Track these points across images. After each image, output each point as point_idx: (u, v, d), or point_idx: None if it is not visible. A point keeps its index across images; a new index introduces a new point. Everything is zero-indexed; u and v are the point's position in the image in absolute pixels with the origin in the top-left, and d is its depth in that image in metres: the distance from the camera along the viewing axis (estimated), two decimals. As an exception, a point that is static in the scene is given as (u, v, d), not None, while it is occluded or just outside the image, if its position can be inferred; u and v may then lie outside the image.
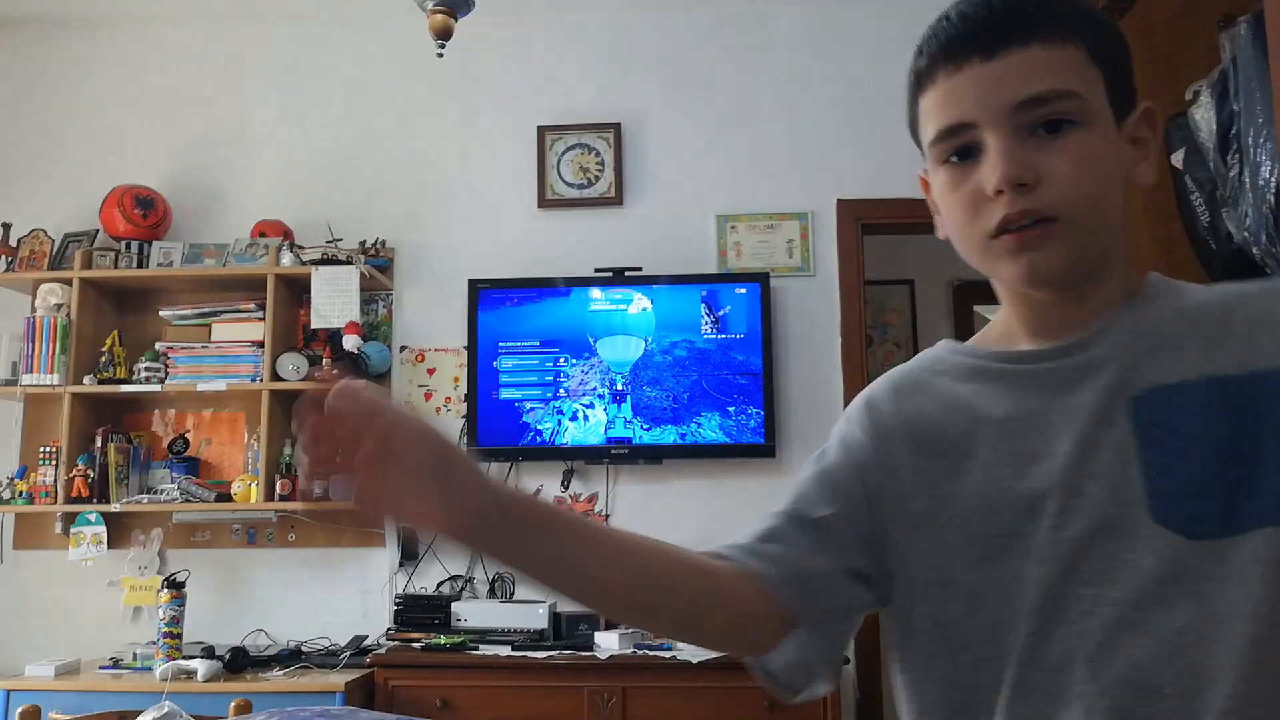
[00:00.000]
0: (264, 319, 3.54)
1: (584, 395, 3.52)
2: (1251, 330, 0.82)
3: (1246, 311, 0.84)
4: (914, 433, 0.91)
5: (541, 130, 3.80)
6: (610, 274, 3.59)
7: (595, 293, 3.56)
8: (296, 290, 3.67)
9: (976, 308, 4.72)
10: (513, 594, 3.51)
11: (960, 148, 0.85)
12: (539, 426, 3.52)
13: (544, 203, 3.78)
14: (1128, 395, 0.82)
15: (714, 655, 2.81)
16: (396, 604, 3.39)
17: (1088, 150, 0.82)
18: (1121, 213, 0.88)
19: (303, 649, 3.34)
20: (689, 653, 2.99)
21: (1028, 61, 0.82)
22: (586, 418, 3.51)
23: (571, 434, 3.51)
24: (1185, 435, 0.80)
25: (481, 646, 3.16)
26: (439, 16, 3.03)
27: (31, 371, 3.49)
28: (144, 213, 3.67)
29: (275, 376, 3.49)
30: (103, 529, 3.53)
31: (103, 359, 3.57)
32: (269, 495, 3.45)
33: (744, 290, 3.53)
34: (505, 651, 3.09)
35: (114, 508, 3.45)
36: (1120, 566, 0.79)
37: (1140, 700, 0.77)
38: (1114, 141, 0.85)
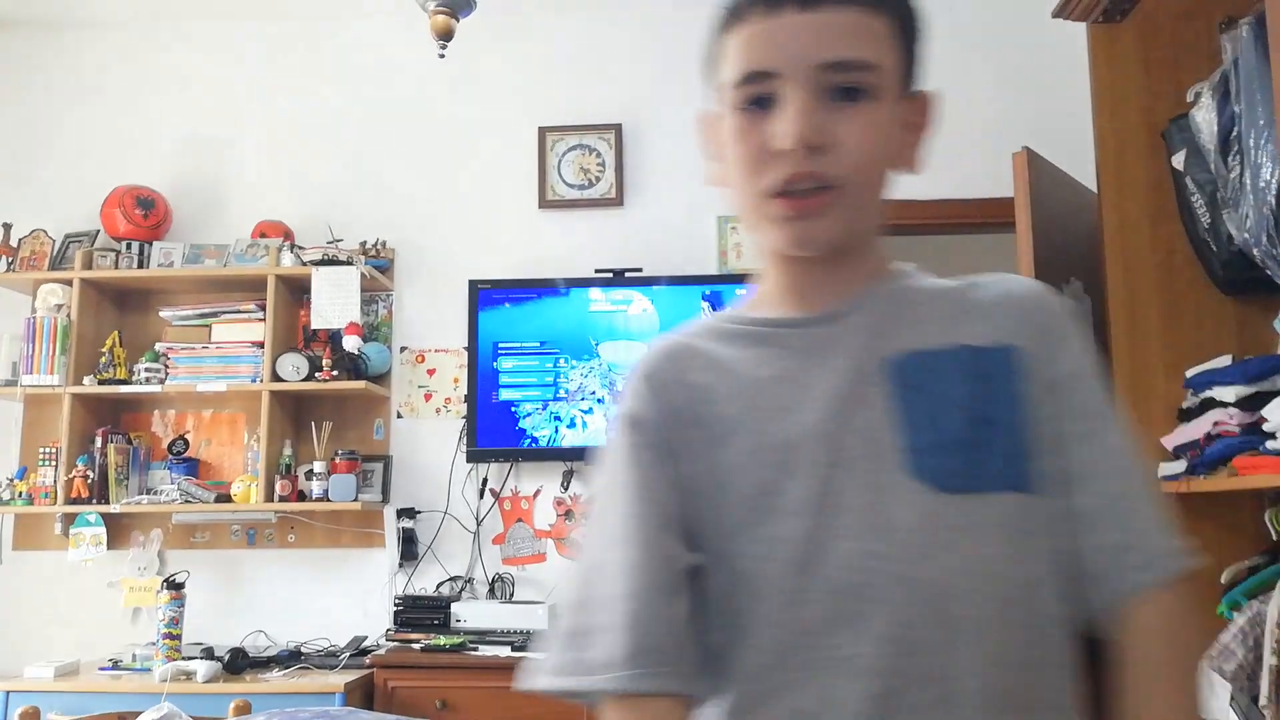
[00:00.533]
0: (264, 319, 3.54)
1: (583, 399, 3.52)
2: (991, 310, 0.87)
3: (984, 293, 0.89)
4: (689, 401, 0.88)
5: (542, 131, 3.80)
6: (611, 275, 3.59)
7: (596, 294, 3.56)
8: (297, 291, 3.67)
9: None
10: (512, 595, 3.51)
11: (758, 95, 0.83)
12: (538, 428, 3.52)
13: (544, 203, 3.78)
14: (883, 359, 0.85)
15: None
16: (396, 605, 3.39)
17: (877, 124, 0.83)
18: (887, 191, 0.88)
19: (302, 650, 3.34)
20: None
21: (842, 23, 0.82)
22: (585, 424, 3.51)
23: (571, 436, 3.51)
24: (939, 396, 0.83)
25: (481, 647, 3.16)
26: (440, 17, 3.04)
27: (31, 372, 3.48)
28: (144, 213, 3.66)
29: (275, 377, 3.49)
30: (102, 530, 3.53)
31: (103, 359, 3.57)
32: (269, 496, 3.45)
33: (745, 291, 3.52)
34: (505, 652, 3.09)
35: (114, 508, 3.45)
36: (878, 519, 0.80)
37: (904, 653, 0.77)
38: (896, 121, 0.87)
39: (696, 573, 0.85)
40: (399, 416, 3.70)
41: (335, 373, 3.47)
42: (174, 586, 3.23)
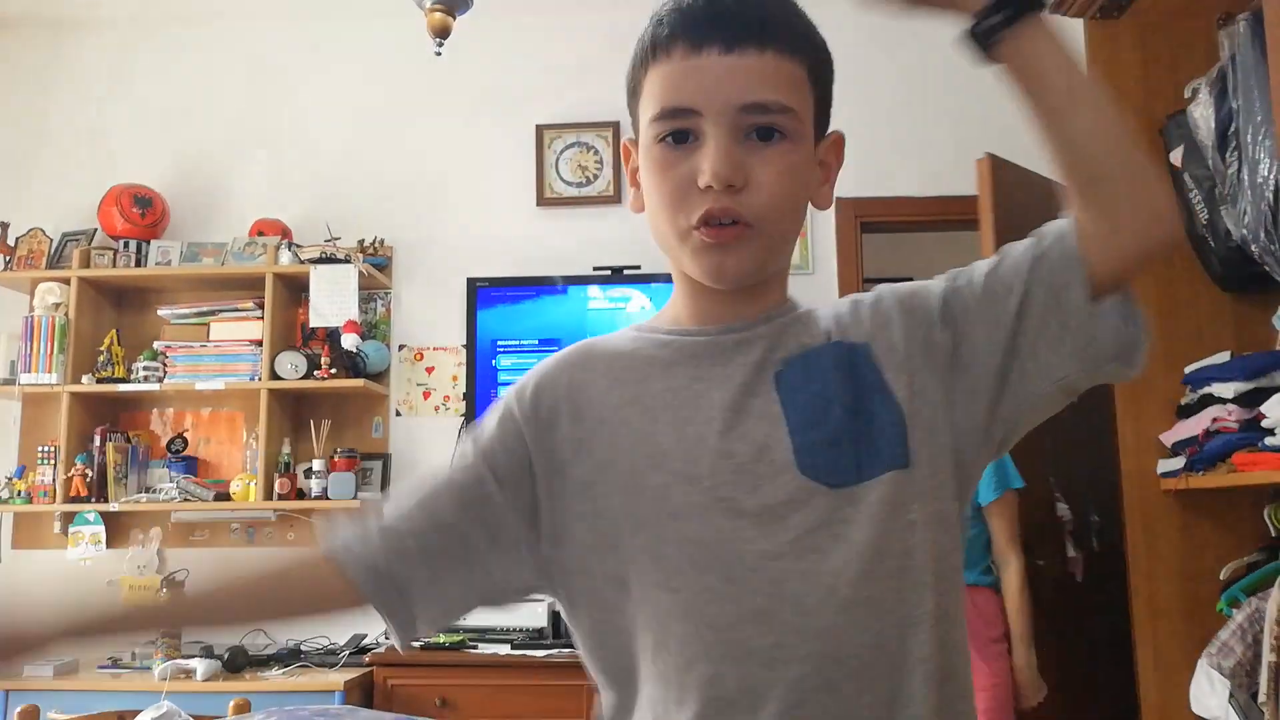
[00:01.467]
0: (262, 318, 3.54)
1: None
2: (867, 314, 0.94)
3: (865, 302, 0.95)
4: (578, 403, 0.93)
5: (540, 129, 3.79)
6: (609, 272, 3.58)
7: (594, 291, 3.56)
8: (295, 289, 3.66)
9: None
10: (512, 593, 3.51)
11: (678, 130, 0.87)
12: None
13: (542, 201, 3.78)
14: (773, 371, 0.90)
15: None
16: (395, 603, 3.38)
17: (792, 165, 0.87)
18: (800, 228, 0.94)
19: (301, 648, 3.34)
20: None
21: (762, 66, 0.86)
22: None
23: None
24: (819, 395, 0.89)
25: (480, 645, 3.16)
26: (437, 15, 3.03)
27: (30, 371, 3.48)
28: (142, 212, 3.66)
29: (274, 375, 3.49)
30: (101, 528, 3.53)
31: (101, 358, 3.57)
32: (268, 494, 3.45)
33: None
34: (504, 650, 3.09)
35: (112, 507, 3.44)
36: (775, 520, 0.84)
37: (808, 642, 0.82)
38: (810, 161, 0.91)
39: (557, 558, 0.91)
40: (398, 414, 3.70)
41: (334, 371, 3.47)
42: (173, 585, 3.22)
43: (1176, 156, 2.31)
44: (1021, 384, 0.88)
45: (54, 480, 3.48)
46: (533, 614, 3.26)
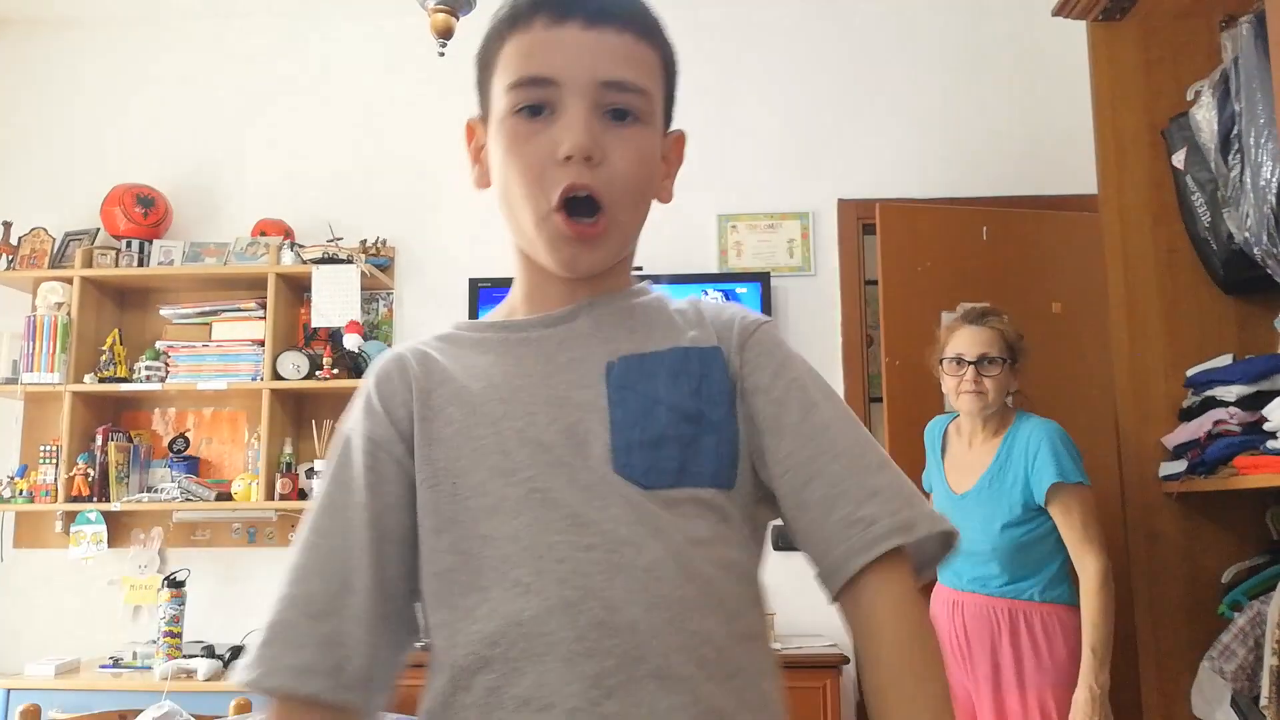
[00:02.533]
0: (265, 318, 3.54)
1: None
2: (707, 321, 0.93)
3: (707, 310, 0.95)
4: (418, 392, 0.90)
5: (542, 129, 3.79)
6: (611, 273, 3.58)
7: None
8: (297, 289, 3.67)
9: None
10: (513, 593, 3.51)
11: (534, 104, 0.86)
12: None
13: (545, 202, 3.77)
14: (603, 364, 0.89)
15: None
16: (396, 603, 3.38)
17: (643, 146, 0.88)
18: (644, 218, 0.93)
19: (303, 648, 3.34)
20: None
21: (622, 45, 0.87)
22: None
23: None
24: (649, 397, 0.87)
25: (481, 646, 3.15)
26: (441, 15, 3.03)
27: (32, 370, 3.48)
28: (145, 211, 3.67)
29: (276, 375, 3.49)
30: (103, 528, 3.53)
31: (103, 358, 3.57)
32: (269, 494, 3.45)
33: (745, 290, 3.53)
34: (505, 651, 3.09)
35: (114, 506, 3.45)
36: (590, 515, 0.82)
37: (613, 635, 0.80)
38: (657, 150, 0.92)
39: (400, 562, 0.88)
40: (399, 415, 3.69)
41: (335, 371, 3.47)
42: (175, 584, 3.23)
43: (1179, 159, 2.30)
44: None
45: (56, 479, 3.49)
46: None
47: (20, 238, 3.68)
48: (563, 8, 0.86)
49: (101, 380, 3.53)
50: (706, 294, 3.52)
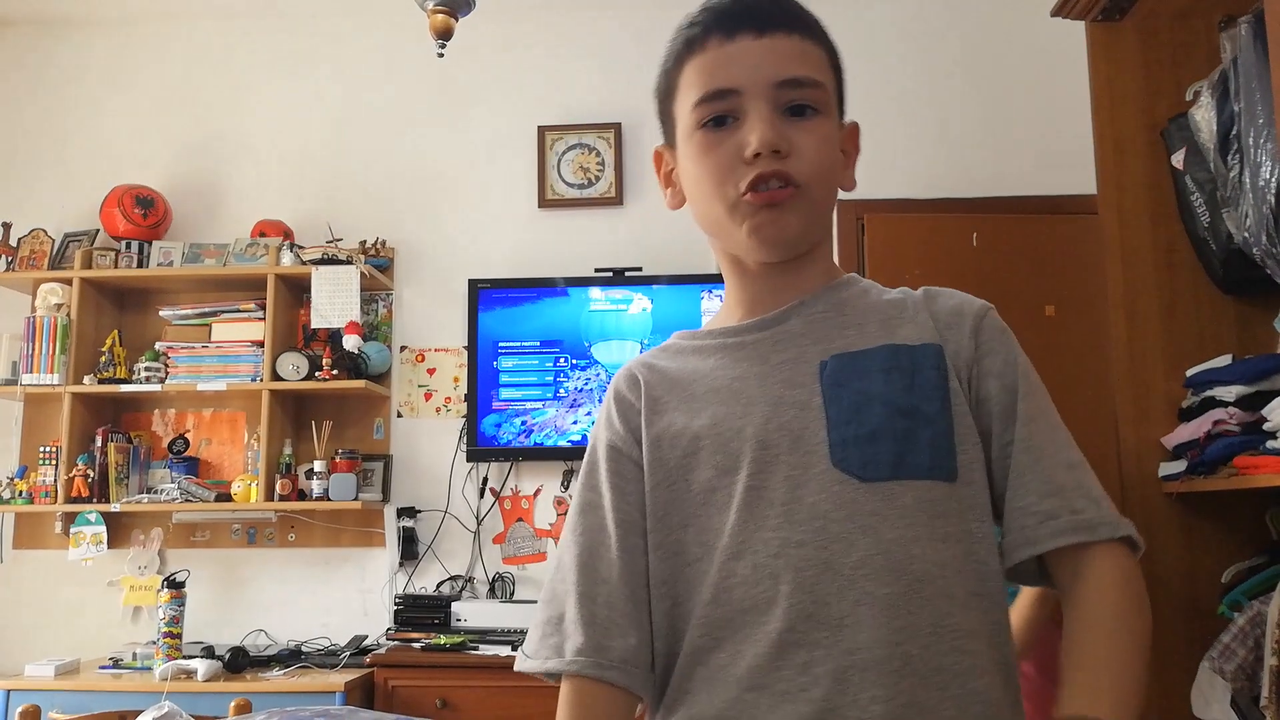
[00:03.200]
0: (264, 319, 3.54)
1: (583, 398, 3.52)
2: (923, 314, 0.97)
3: (926, 299, 0.98)
4: (650, 416, 0.98)
5: (542, 130, 3.79)
6: (610, 274, 3.58)
7: (595, 293, 3.56)
8: (297, 290, 3.67)
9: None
10: (512, 594, 3.51)
11: (720, 113, 0.93)
12: (538, 427, 3.52)
13: (544, 202, 3.78)
14: (816, 362, 0.94)
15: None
16: (396, 604, 3.39)
17: (826, 135, 0.94)
18: (834, 202, 0.99)
19: (302, 649, 3.34)
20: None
21: (791, 46, 0.93)
22: (585, 423, 3.51)
23: (571, 435, 3.51)
24: (863, 392, 0.91)
25: (481, 646, 3.15)
26: (440, 16, 3.03)
27: (31, 371, 3.48)
28: (144, 212, 3.67)
29: (275, 376, 3.49)
30: (103, 529, 3.53)
31: (103, 359, 3.57)
32: (269, 495, 3.45)
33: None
34: (505, 651, 3.09)
35: (114, 507, 3.45)
36: (799, 508, 0.88)
37: (819, 629, 0.85)
38: (837, 138, 0.98)
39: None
40: (399, 416, 3.70)
41: (335, 372, 3.47)
42: (174, 585, 3.23)
43: (1178, 159, 2.30)
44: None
45: (55, 481, 3.49)
46: (533, 615, 3.25)
47: (20, 239, 3.68)
48: (732, 23, 0.93)
49: (101, 381, 3.53)
50: (708, 293, 3.53)
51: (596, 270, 3.60)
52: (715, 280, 3.57)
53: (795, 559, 0.86)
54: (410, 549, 3.56)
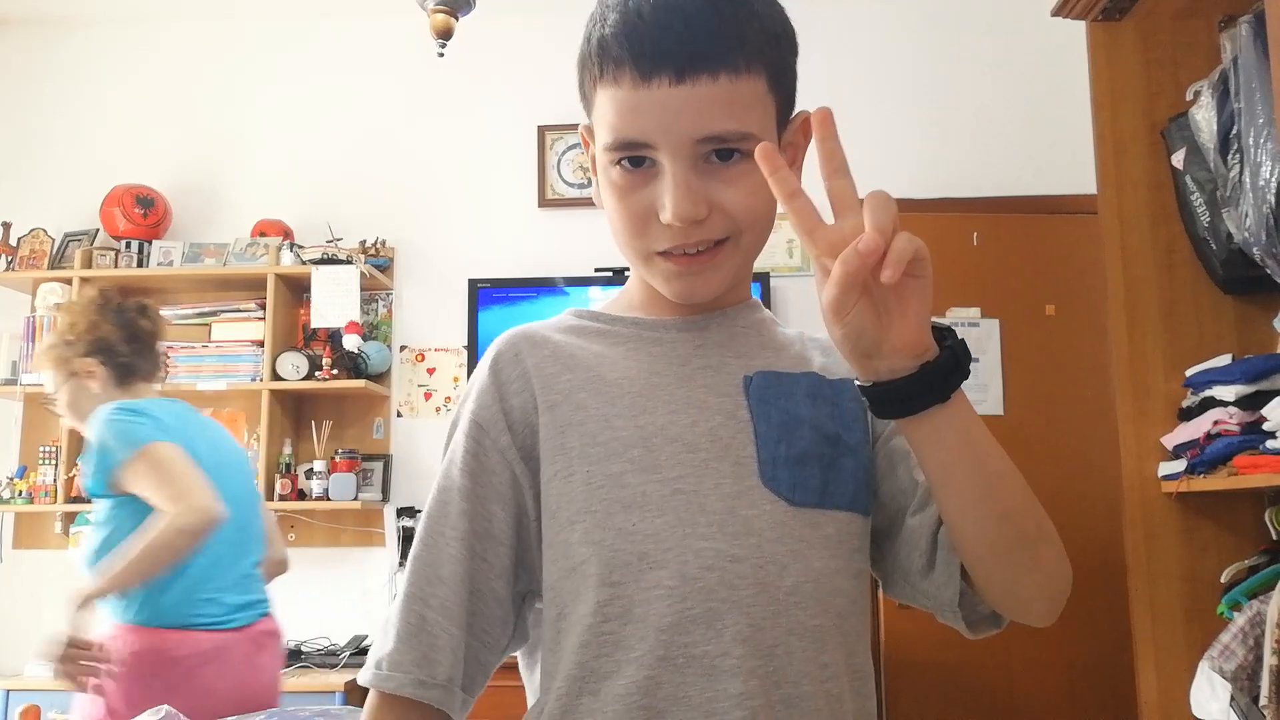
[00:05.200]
0: (264, 318, 3.54)
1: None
2: (824, 353, 0.92)
3: (810, 340, 0.94)
4: (542, 393, 0.86)
5: (542, 130, 3.79)
6: (610, 274, 3.58)
7: (595, 292, 3.56)
8: (296, 290, 3.67)
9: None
10: (512, 594, 3.51)
11: (635, 158, 0.83)
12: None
13: (544, 202, 3.78)
14: (740, 376, 0.87)
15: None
16: (396, 604, 3.38)
17: (756, 182, 0.79)
18: (772, 227, 0.89)
19: (302, 648, 3.34)
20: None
21: (714, 95, 0.80)
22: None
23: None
24: (790, 413, 0.86)
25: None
26: (440, 16, 3.03)
27: (31, 371, 3.48)
28: (144, 212, 3.67)
29: (275, 376, 3.49)
30: (102, 528, 3.53)
31: (103, 358, 3.57)
32: (269, 495, 3.45)
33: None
34: (505, 651, 3.09)
35: (114, 507, 3.44)
36: (736, 524, 0.81)
37: (757, 655, 0.79)
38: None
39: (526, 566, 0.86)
40: (399, 415, 3.70)
41: (335, 372, 3.47)
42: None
43: (1178, 159, 2.30)
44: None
45: (55, 480, 3.49)
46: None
47: (20, 239, 3.68)
48: (648, 66, 0.80)
49: (101, 381, 3.53)
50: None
51: (596, 270, 3.60)
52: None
53: (731, 575, 0.79)
54: (410, 549, 3.56)
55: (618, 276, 3.57)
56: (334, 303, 3.50)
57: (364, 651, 3.25)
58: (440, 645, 0.82)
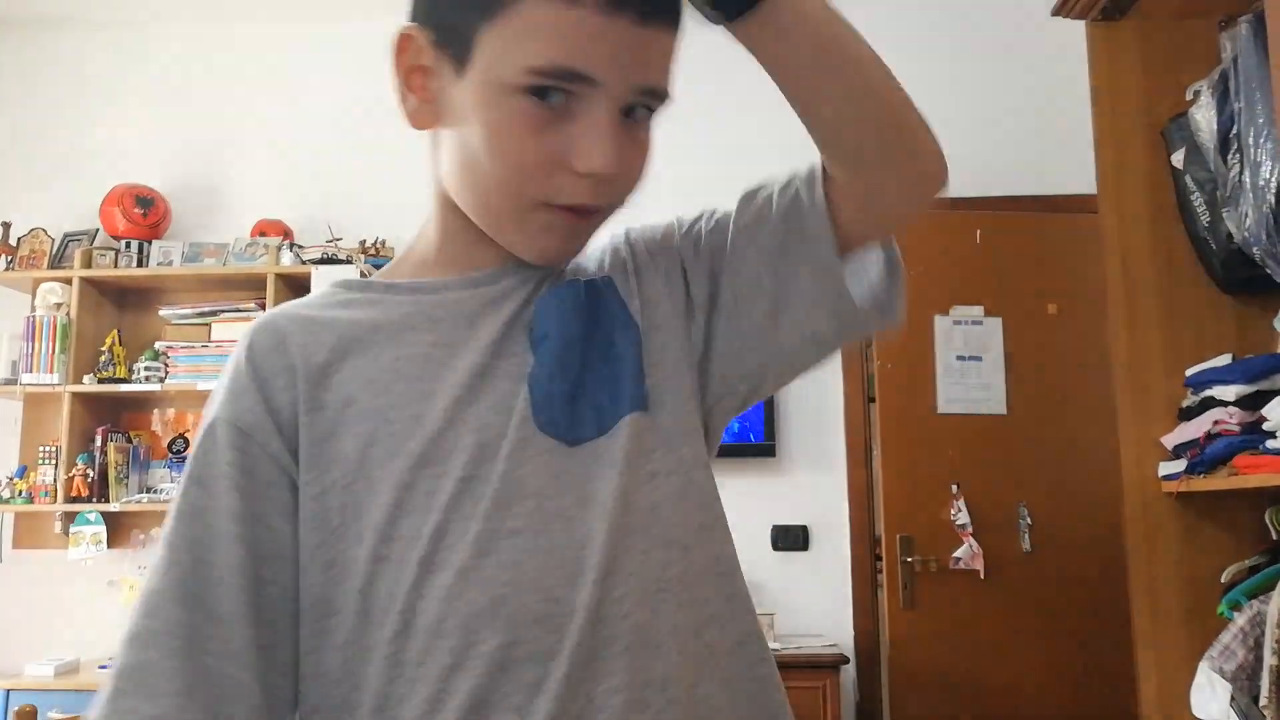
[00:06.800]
0: (264, 318, 3.54)
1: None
2: (613, 249, 0.86)
3: (617, 237, 0.88)
4: (306, 372, 0.77)
5: (542, 130, 3.79)
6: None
7: (595, 292, 3.56)
8: (297, 289, 3.66)
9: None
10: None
11: (556, 89, 0.72)
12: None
13: (544, 202, 3.78)
14: (527, 322, 0.79)
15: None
16: (396, 604, 3.38)
17: (649, 147, 0.79)
18: None
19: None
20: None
21: (663, 46, 0.75)
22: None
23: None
24: (565, 338, 0.78)
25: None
26: (439, 16, 3.04)
27: (31, 371, 3.49)
28: (144, 212, 3.67)
29: (275, 376, 3.49)
30: (102, 528, 3.53)
31: (102, 358, 3.57)
32: (269, 495, 3.45)
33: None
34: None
35: (113, 507, 3.45)
36: (514, 491, 0.73)
37: (553, 632, 0.70)
38: None
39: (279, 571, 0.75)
40: (399, 415, 3.70)
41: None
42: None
43: (1178, 159, 2.31)
44: (774, 336, 0.79)
45: (55, 480, 3.49)
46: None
47: (19, 238, 3.68)
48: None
49: (101, 381, 3.53)
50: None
51: (596, 270, 3.60)
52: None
53: (509, 553, 0.72)
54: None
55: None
56: (334, 302, 3.50)
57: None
58: (234, 697, 0.71)
